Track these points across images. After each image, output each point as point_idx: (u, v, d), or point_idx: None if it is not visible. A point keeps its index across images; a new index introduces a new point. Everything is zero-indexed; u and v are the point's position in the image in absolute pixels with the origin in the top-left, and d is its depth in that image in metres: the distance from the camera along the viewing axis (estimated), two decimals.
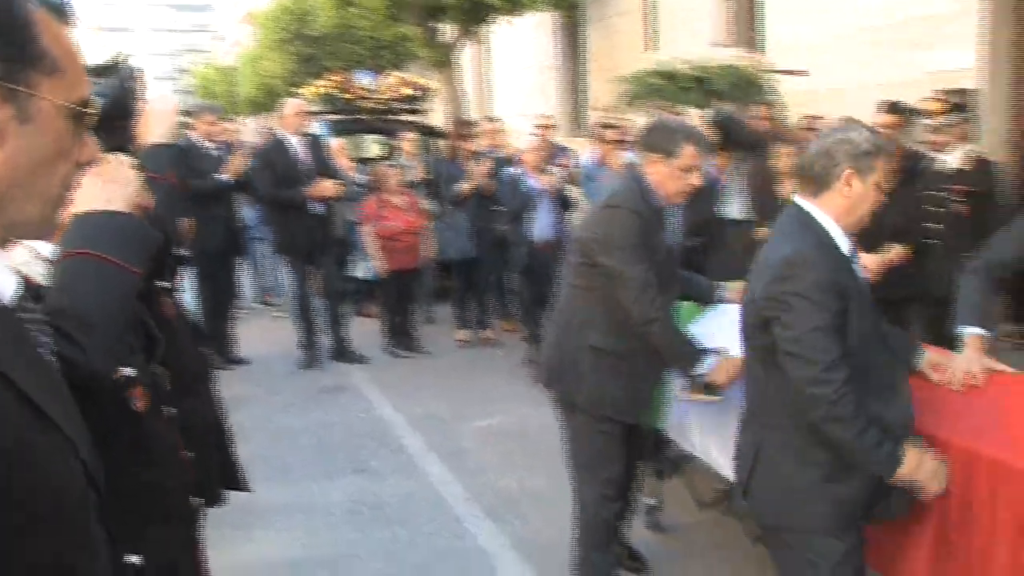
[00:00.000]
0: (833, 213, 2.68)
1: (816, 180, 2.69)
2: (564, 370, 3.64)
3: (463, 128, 9.70)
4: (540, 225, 7.62)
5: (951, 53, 8.40)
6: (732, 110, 7.62)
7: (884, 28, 9.24)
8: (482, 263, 8.48)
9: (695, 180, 3.51)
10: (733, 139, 6.41)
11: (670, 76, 9.41)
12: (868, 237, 5.68)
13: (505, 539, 4.61)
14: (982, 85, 7.94)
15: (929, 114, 5.56)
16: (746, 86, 9.15)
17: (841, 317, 2.53)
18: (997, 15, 8.07)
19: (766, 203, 6.22)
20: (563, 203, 7.77)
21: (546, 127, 8.65)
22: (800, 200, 2.74)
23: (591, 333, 3.54)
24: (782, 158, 6.19)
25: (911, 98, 8.37)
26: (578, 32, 15.67)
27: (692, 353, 3.42)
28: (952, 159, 5.53)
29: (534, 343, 7.84)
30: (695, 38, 12.21)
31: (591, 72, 15.33)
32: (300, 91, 11.02)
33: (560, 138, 10.15)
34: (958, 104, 5.96)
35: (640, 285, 3.37)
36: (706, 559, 4.31)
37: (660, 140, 3.49)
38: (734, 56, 9.34)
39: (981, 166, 5.57)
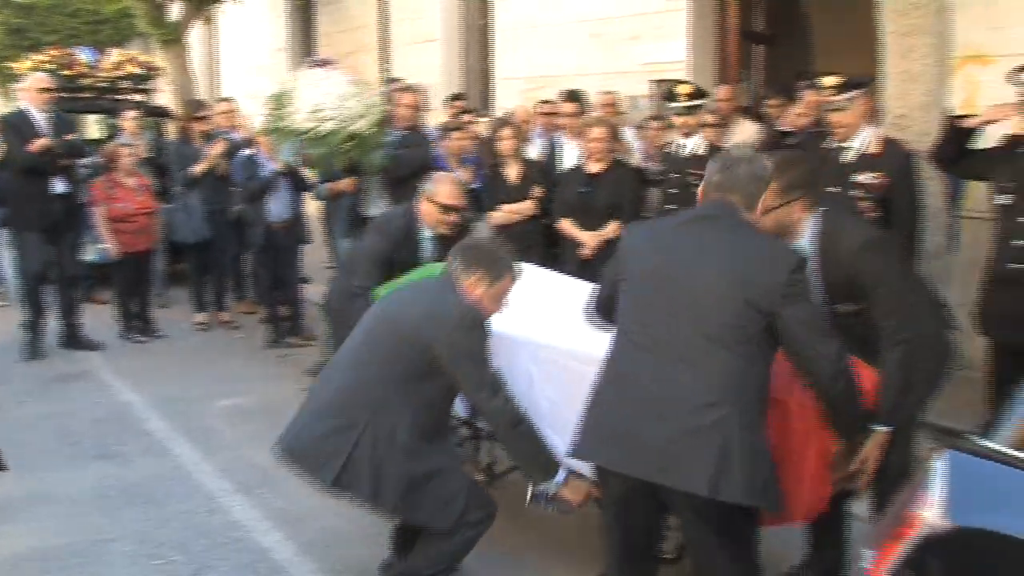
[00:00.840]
0: None
1: (752, 203, 3.03)
2: (360, 467, 3.51)
3: (196, 109, 9.53)
4: (276, 205, 7.67)
5: (663, 46, 9.17)
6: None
7: (603, 20, 9.91)
8: (217, 244, 8.43)
9: (504, 307, 3.73)
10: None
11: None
12: (585, 215, 6.26)
13: (259, 511, 4.72)
14: (689, 76, 8.74)
15: (677, 98, 6.04)
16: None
17: None
18: (699, 11, 8.93)
19: (497, 185, 6.64)
20: (298, 184, 7.86)
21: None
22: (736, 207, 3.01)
23: (402, 432, 3.51)
24: (505, 141, 6.60)
25: (627, 87, 9.14)
26: (310, 14, 15.61)
27: (549, 466, 3.48)
28: (691, 144, 6.08)
29: (272, 324, 7.95)
30: (426, 18, 12.55)
31: (323, 55, 15.33)
32: (12, 65, 10.37)
33: None
34: (702, 90, 6.56)
35: (505, 389, 3.51)
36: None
37: (487, 263, 3.63)
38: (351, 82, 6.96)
39: (716, 152, 6.12)
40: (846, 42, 8.98)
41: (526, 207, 6.48)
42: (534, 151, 7.64)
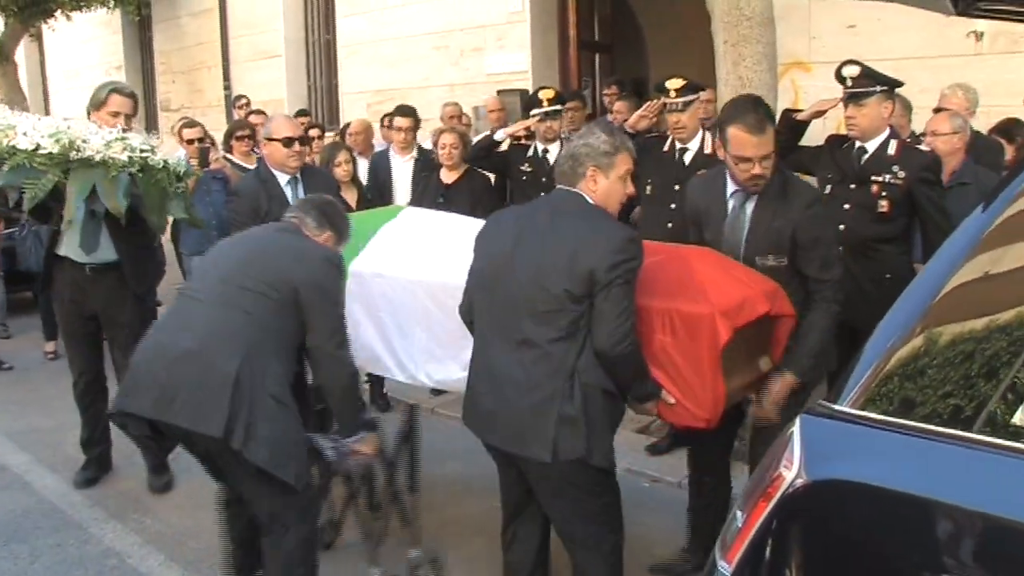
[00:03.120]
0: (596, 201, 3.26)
1: (571, 180, 3.25)
2: (233, 417, 3.29)
3: None
4: None
5: (507, 57, 9.44)
6: None
7: (446, 33, 10.11)
8: None
9: None
10: None
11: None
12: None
13: (136, 536, 4.67)
14: (533, 85, 9.03)
15: (540, 103, 6.21)
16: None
17: None
18: (540, 22, 9.25)
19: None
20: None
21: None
22: (572, 191, 3.26)
23: (270, 380, 3.39)
24: (342, 165, 6.61)
25: (473, 98, 9.36)
26: (146, 31, 15.26)
27: (357, 424, 3.64)
28: (554, 149, 6.26)
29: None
30: (268, 34, 12.47)
31: (160, 72, 15.02)
32: None
33: None
34: (564, 96, 6.76)
35: (349, 344, 3.62)
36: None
37: (336, 225, 3.79)
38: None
39: None
40: (681, 51, 9.49)
41: None
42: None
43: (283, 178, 5.05)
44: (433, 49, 10.26)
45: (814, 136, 5.11)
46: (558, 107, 6.27)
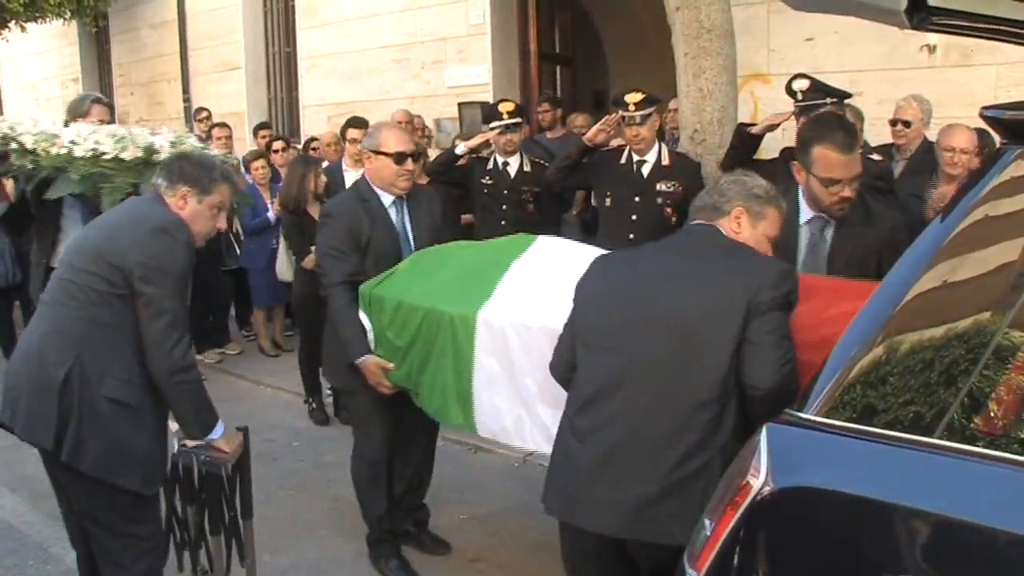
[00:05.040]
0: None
1: (713, 215, 2.89)
2: (62, 426, 3.04)
3: None
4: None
5: (468, 69, 9.47)
6: None
7: (406, 46, 10.11)
8: (30, 286, 8.07)
9: (222, 223, 3.46)
10: None
11: None
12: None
13: None
14: (494, 98, 9.05)
15: (500, 116, 6.21)
16: None
17: None
18: (501, 35, 9.28)
19: (304, 227, 6.57)
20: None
21: None
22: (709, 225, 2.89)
23: (108, 382, 3.10)
24: (313, 181, 6.58)
25: (434, 110, 9.38)
26: (104, 43, 15.11)
27: (208, 421, 3.32)
28: (513, 162, 6.28)
29: None
30: (228, 46, 12.40)
31: (118, 85, 14.88)
32: None
33: None
34: (522, 108, 6.77)
35: (182, 324, 3.16)
36: None
37: (192, 177, 3.30)
38: None
39: (537, 168, 6.31)
40: (641, 63, 9.57)
41: None
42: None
43: (387, 199, 4.23)
44: (394, 62, 10.25)
45: (771, 149, 5.18)
46: (518, 120, 6.27)
